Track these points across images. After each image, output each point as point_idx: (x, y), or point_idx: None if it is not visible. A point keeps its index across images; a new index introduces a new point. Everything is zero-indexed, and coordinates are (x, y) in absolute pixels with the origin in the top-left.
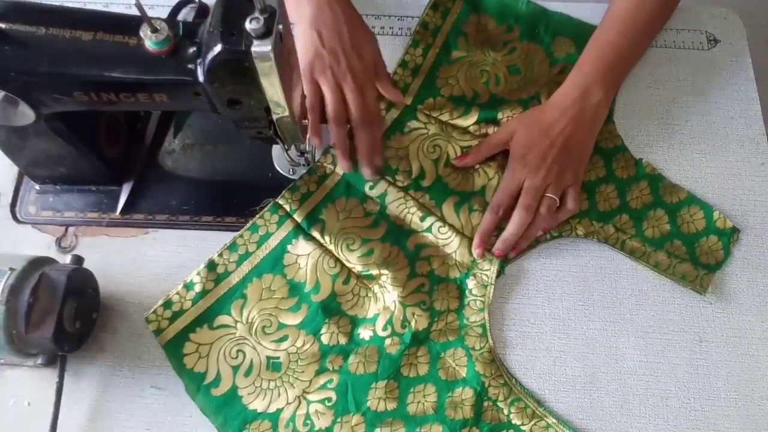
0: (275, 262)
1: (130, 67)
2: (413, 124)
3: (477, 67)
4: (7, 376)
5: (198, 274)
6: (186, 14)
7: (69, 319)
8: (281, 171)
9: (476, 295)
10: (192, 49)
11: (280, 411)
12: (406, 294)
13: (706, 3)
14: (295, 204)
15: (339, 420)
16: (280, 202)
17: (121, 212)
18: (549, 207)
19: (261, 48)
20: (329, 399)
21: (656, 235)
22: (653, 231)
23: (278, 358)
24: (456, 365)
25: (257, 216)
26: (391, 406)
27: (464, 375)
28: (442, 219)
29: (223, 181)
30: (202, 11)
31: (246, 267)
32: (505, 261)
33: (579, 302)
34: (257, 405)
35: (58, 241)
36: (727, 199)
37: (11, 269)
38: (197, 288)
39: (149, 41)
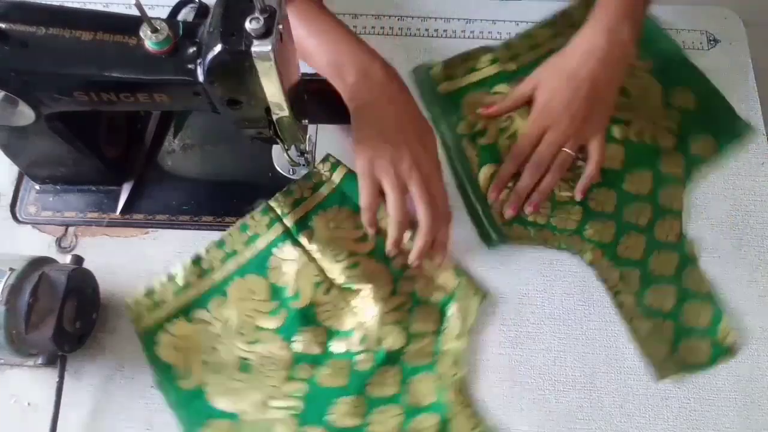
0: (260, 264)
1: (130, 67)
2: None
3: None
4: (7, 376)
5: (183, 267)
6: (186, 14)
7: (69, 319)
8: (281, 171)
9: (455, 322)
10: (192, 49)
11: (243, 413)
12: (385, 311)
13: (706, 3)
14: (287, 208)
15: (301, 430)
16: (272, 204)
17: (121, 212)
18: (563, 162)
19: (261, 48)
20: (294, 407)
21: (654, 305)
22: (654, 300)
23: (250, 360)
24: (424, 390)
25: (247, 216)
26: (354, 422)
27: (431, 401)
28: None
29: (223, 181)
30: (202, 11)
31: (231, 266)
32: (485, 295)
33: (579, 302)
34: (222, 403)
35: (58, 241)
36: (727, 199)
37: (11, 269)
38: (180, 281)
39: (149, 41)
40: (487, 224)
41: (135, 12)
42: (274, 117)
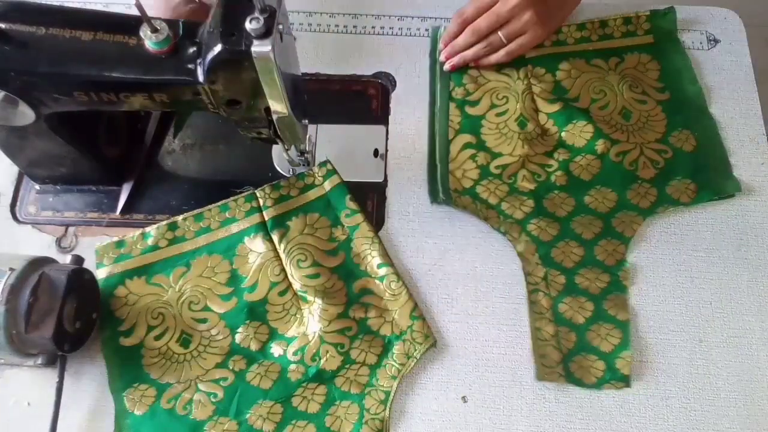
0: (229, 247)
1: (130, 67)
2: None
3: (602, 84)
4: (7, 376)
5: (157, 228)
6: None
7: (69, 319)
8: (281, 171)
9: (396, 361)
10: (192, 49)
11: (169, 385)
12: (329, 330)
13: (706, 3)
14: (270, 201)
15: (215, 418)
16: (257, 194)
17: (121, 212)
18: (490, 43)
19: (261, 48)
20: (215, 394)
21: (567, 315)
22: (568, 310)
23: (191, 336)
24: (345, 418)
25: (231, 198)
26: (268, 428)
27: (348, 431)
28: (396, 273)
29: (223, 181)
30: None
31: (202, 240)
32: (435, 342)
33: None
34: (153, 371)
35: (58, 241)
36: (727, 199)
37: (11, 269)
38: (150, 241)
39: (149, 41)
40: (440, 184)
41: (135, 12)
42: (274, 117)
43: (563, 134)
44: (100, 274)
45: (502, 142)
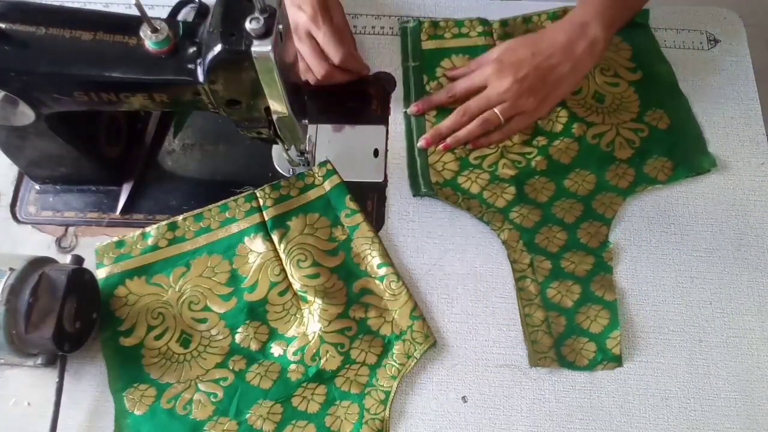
0: (229, 247)
1: (130, 67)
2: None
3: None
4: (7, 376)
5: (157, 228)
6: (186, 14)
7: (69, 319)
8: (281, 171)
9: (396, 361)
10: (192, 49)
11: (169, 385)
12: (329, 330)
13: (706, 3)
14: (270, 201)
15: (215, 418)
16: (257, 194)
17: (121, 212)
18: (486, 120)
19: (261, 48)
20: (215, 395)
21: (555, 299)
22: (556, 295)
23: (191, 336)
24: (345, 418)
25: (231, 198)
26: (268, 428)
27: (348, 431)
28: (396, 273)
29: (223, 181)
30: (202, 11)
31: (202, 240)
32: (435, 342)
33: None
34: (153, 371)
35: (58, 241)
36: (727, 199)
37: (11, 269)
38: (150, 241)
39: (149, 41)
40: (421, 177)
41: (135, 12)
42: (274, 117)
43: (539, 122)
44: (100, 274)
45: None
